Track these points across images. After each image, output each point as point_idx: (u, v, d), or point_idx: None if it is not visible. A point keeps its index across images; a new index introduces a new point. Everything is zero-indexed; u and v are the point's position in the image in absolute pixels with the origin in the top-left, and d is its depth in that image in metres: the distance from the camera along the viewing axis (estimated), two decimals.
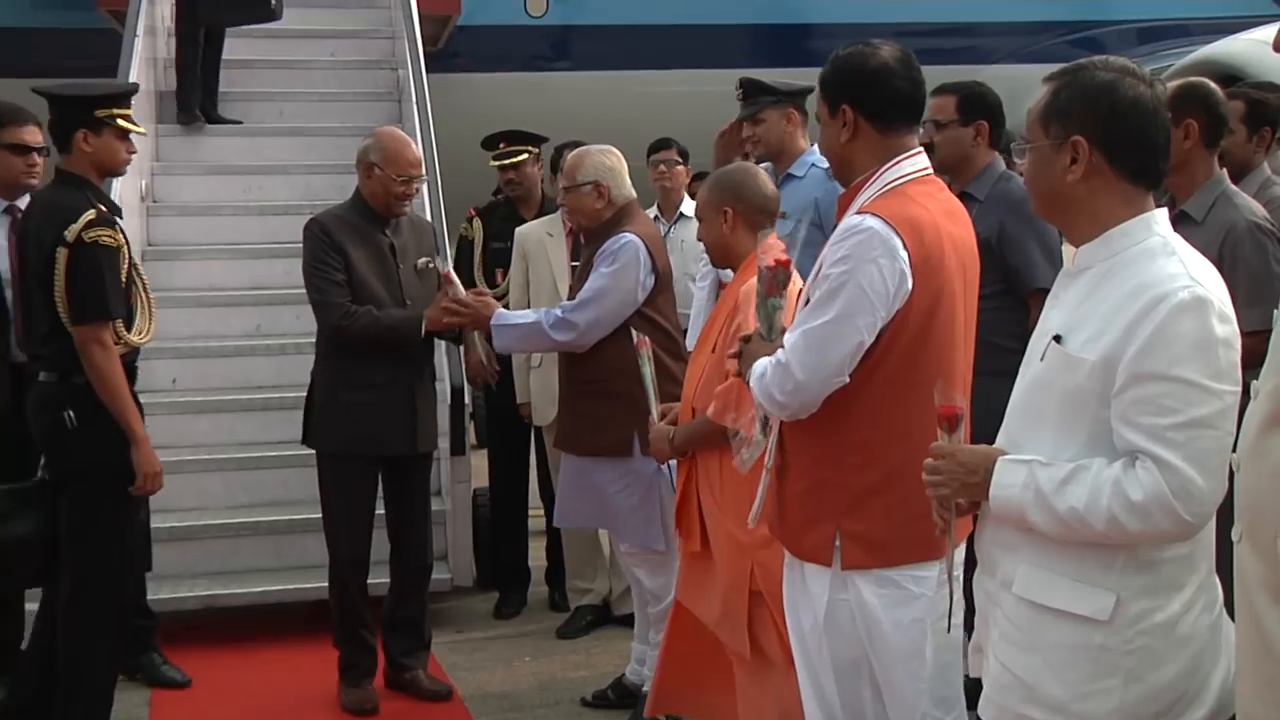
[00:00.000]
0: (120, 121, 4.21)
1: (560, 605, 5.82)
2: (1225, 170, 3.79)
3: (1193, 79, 3.91)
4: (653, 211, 6.00)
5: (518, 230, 5.71)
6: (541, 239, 5.59)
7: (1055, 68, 2.40)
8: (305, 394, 5.95)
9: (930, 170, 2.94)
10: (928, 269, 2.77)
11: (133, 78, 6.86)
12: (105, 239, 4.06)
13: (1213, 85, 3.81)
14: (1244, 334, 3.36)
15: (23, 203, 4.70)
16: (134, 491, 4.12)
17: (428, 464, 5.00)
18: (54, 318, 4.06)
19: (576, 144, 5.13)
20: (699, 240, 4.06)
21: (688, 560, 3.92)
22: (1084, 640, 2.24)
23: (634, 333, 4.21)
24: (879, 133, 2.88)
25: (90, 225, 4.03)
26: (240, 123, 7.59)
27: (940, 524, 2.45)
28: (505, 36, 9.65)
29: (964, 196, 4.21)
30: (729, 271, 4.14)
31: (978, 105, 4.25)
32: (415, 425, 4.74)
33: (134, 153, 4.36)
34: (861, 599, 2.85)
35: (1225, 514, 2.06)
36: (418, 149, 4.84)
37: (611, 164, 4.60)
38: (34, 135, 4.71)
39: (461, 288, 4.72)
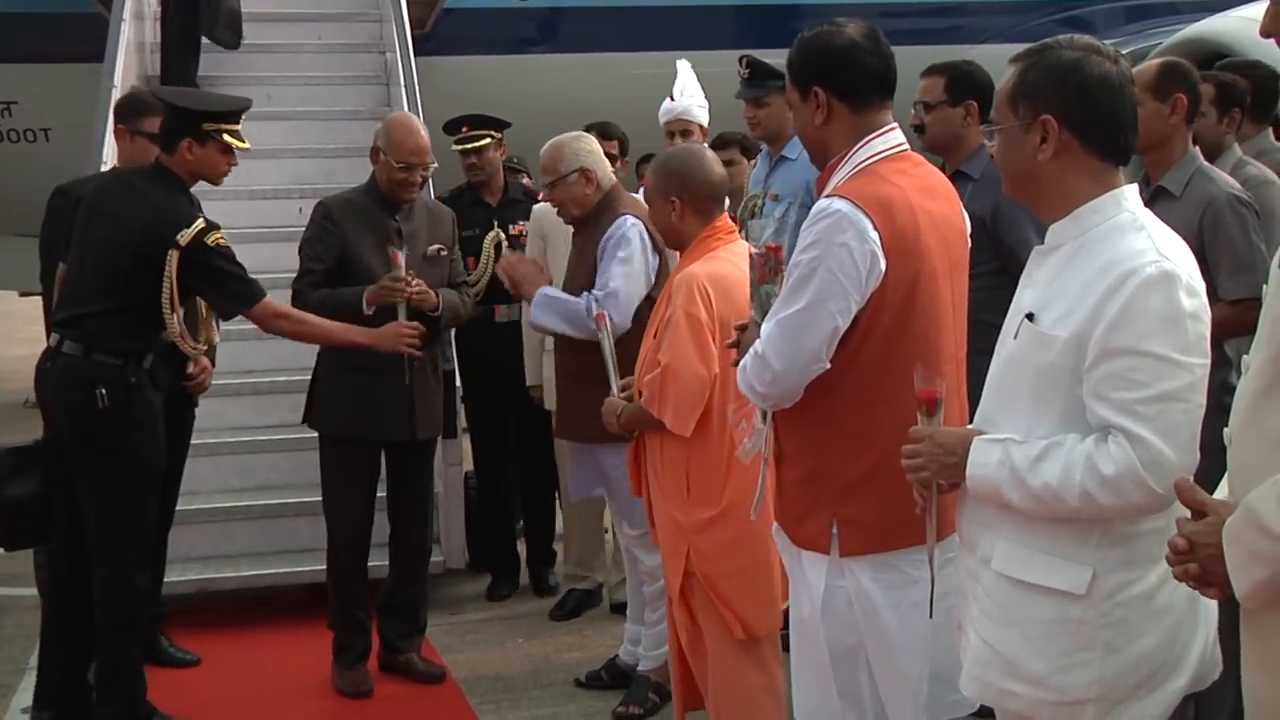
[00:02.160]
0: (226, 137, 4.31)
1: (545, 589, 5.81)
2: (1199, 148, 3.82)
3: (1170, 58, 3.95)
4: None
5: (535, 209, 5.58)
6: (557, 222, 5.40)
7: None
8: (296, 378, 5.94)
9: (905, 146, 2.91)
10: (902, 248, 2.74)
11: (120, 64, 6.83)
12: (221, 242, 4.23)
13: (1190, 64, 3.87)
14: (1228, 302, 3.46)
15: None
16: (406, 354, 4.53)
17: (429, 450, 4.97)
18: (116, 300, 4.11)
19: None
20: (652, 222, 4.07)
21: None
22: (1061, 614, 2.27)
23: (593, 305, 4.20)
24: (853, 112, 2.85)
25: (205, 230, 4.17)
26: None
27: (920, 503, 2.48)
28: (494, 19, 9.61)
29: (958, 175, 4.22)
30: None
31: (967, 85, 4.25)
32: (414, 411, 4.70)
33: (234, 165, 4.45)
34: (860, 585, 2.84)
35: (1209, 488, 2.07)
36: (425, 137, 4.76)
37: (592, 148, 4.60)
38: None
39: (403, 269, 4.62)
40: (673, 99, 5.62)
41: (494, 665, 5.03)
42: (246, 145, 4.44)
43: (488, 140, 5.85)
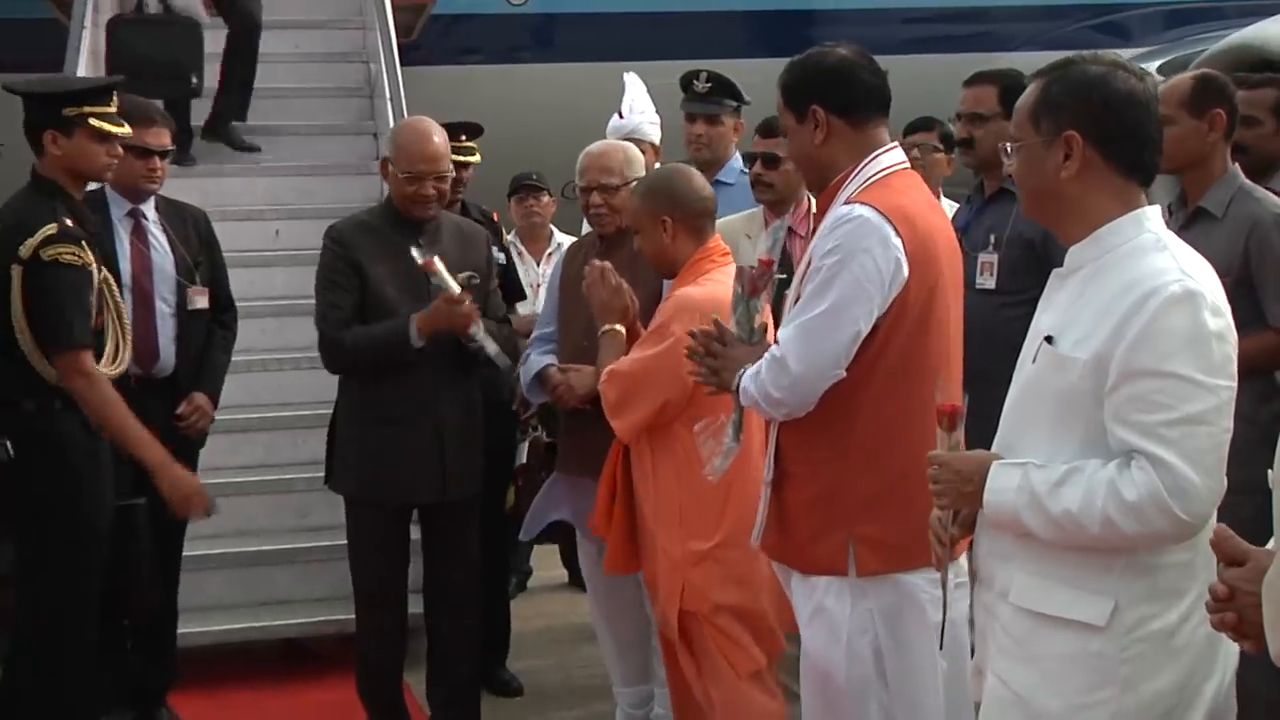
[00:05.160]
0: (94, 121, 4.07)
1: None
2: (1238, 165, 3.88)
3: (1205, 71, 4.04)
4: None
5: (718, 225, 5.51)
6: (738, 241, 4.82)
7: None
8: (273, 414, 5.90)
9: (907, 164, 3.10)
10: (923, 259, 2.94)
11: (81, 73, 6.85)
12: (66, 257, 3.96)
13: (1226, 77, 3.94)
14: (1277, 330, 3.49)
15: (147, 208, 4.78)
16: (179, 516, 4.21)
17: (468, 515, 4.60)
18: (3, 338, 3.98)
19: None
20: (638, 249, 4.03)
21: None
22: (1081, 648, 2.35)
23: (416, 254, 4.22)
24: (853, 128, 3.05)
25: (49, 241, 3.93)
26: (258, 149, 7.36)
27: (939, 536, 2.55)
28: (485, 26, 9.67)
29: (1002, 194, 4.25)
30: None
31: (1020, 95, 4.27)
32: (444, 467, 4.41)
33: (117, 156, 4.24)
34: (883, 605, 2.98)
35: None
36: (439, 143, 4.49)
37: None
38: (157, 138, 4.73)
39: (446, 277, 4.27)
40: (621, 116, 5.62)
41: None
42: (125, 129, 4.22)
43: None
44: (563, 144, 5.55)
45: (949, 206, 5.51)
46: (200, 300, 4.78)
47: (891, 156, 3.06)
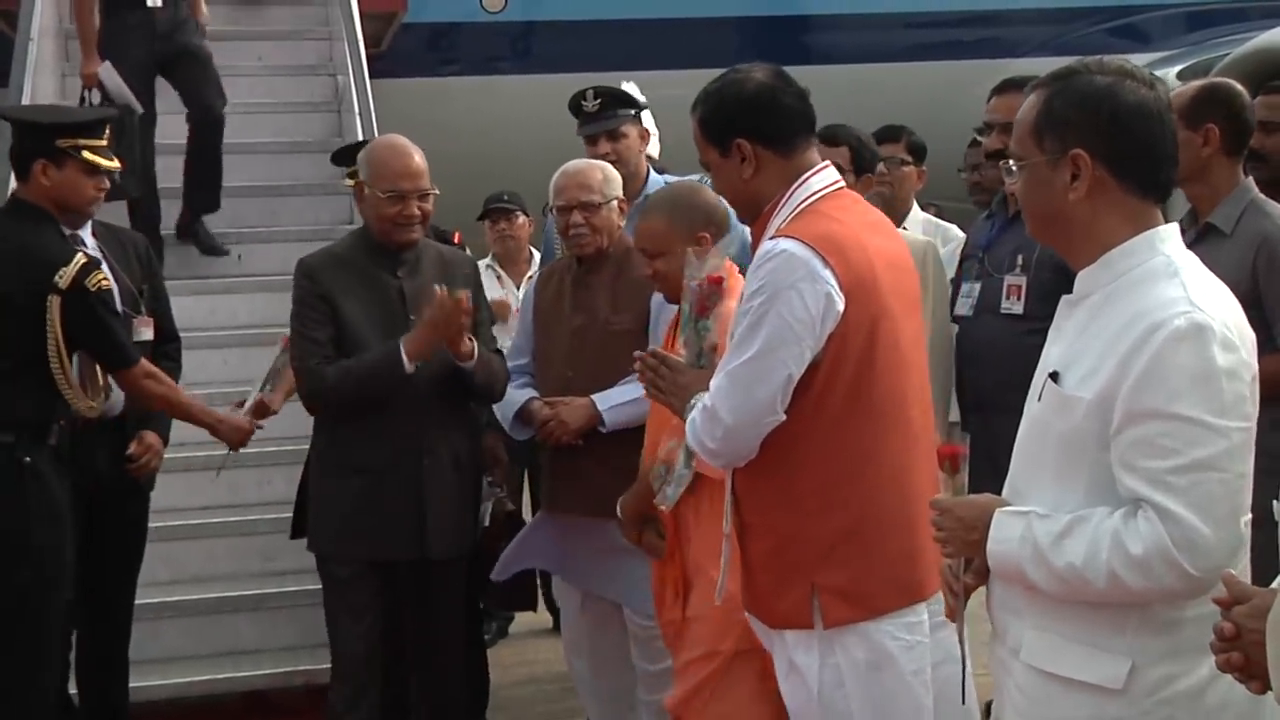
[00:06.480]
0: (87, 154, 4.25)
1: None
2: (1251, 179, 3.91)
3: (1213, 80, 4.04)
4: None
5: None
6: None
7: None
8: (240, 452, 5.90)
9: (842, 184, 3.12)
10: (860, 288, 2.93)
11: (27, 87, 6.88)
12: (104, 283, 4.20)
13: (1239, 87, 3.93)
14: None
15: (84, 233, 4.64)
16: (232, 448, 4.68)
17: (452, 576, 4.51)
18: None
19: None
20: (649, 272, 3.97)
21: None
22: (1097, 713, 2.31)
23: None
24: (782, 158, 3.06)
25: (86, 270, 4.12)
26: (227, 253, 7.15)
27: (951, 585, 2.53)
28: (460, 35, 9.71)
29: None
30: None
31: None
32: (425, 521, 4.33)
33: (104, 189, 4.39)
34: (854, 659, 2.96)
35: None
36: (418, 158, 4.43)
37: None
38: (107, 155, 4.64)
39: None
40: None
41: None
42: (115, 164, 4.37)
43: None
44: (544, 160, 5.57)
45: (933, 223, 5.59)
46: (146, 331, 4.73)
47: (822, 178, 3.07)
